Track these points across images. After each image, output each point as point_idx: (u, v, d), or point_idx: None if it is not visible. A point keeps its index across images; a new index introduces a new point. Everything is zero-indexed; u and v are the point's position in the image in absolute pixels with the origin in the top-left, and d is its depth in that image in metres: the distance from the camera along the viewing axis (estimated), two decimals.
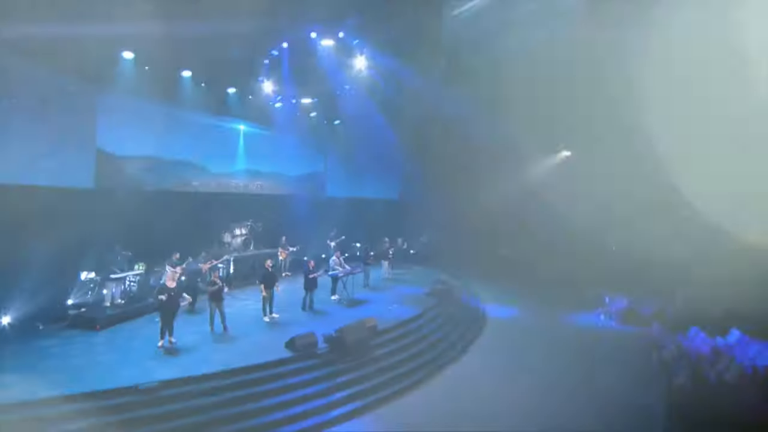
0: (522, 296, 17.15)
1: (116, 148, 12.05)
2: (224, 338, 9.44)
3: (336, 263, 13.32)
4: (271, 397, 7.58)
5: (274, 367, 8.20)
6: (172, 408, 6.83)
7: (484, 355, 10.88)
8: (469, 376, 9.57)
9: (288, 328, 9.96)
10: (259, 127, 17.00)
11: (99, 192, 11.47)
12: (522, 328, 13.24)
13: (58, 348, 8.48)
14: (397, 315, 11.55)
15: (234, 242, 15.36)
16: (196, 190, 14.67)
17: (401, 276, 16.99)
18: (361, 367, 9.02)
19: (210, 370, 7.65)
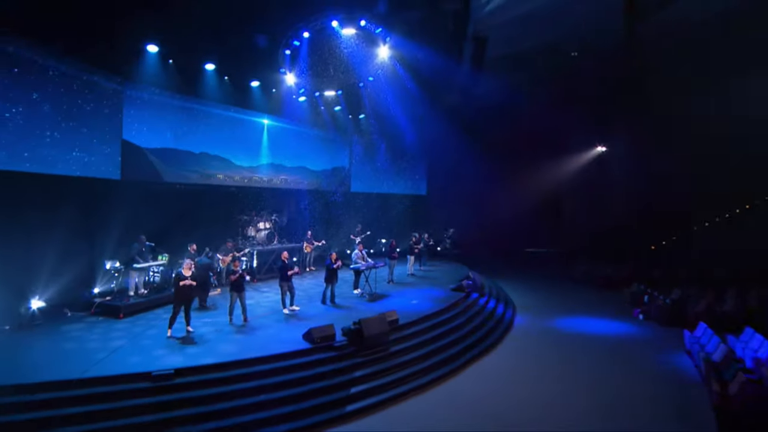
0: (552, 295, 16.48)
1: (141, 140, 12.30)
2: (242, 329, 9.38)
3: (358, 257, 13.12)
4: (284, 389, 7.41)
5: (289, 359, 8.04)
6: (181, 396, 6.78)
7: (510, 354, 10.35)
8: (492, 376, 9.08)
9: (307, 321, 9.85)
10: (283, 121, 17.03)
11: (125, 183, 11.74)
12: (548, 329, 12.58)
13: (78, 332, 8.71)
14: (419, 310, 11.20)
15: (258, 236, 15.42)
16: (220, 183, 14.81)
17: (427, 272, 16.69)
18: (380, 361, 8.75)
19: (221, 360, 7.58)
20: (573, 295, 16.57)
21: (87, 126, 10.60)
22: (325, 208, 19.24)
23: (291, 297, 10.87)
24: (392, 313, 10.15)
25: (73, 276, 10.05)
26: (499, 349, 10.72)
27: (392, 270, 14.74)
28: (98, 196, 10.61)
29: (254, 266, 14.68)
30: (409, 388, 8.25)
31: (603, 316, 13.50)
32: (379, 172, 21.82)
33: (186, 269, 8.73)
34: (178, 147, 13.34)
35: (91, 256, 10.44)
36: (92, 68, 10.69)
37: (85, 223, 10.22)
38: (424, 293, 13.11)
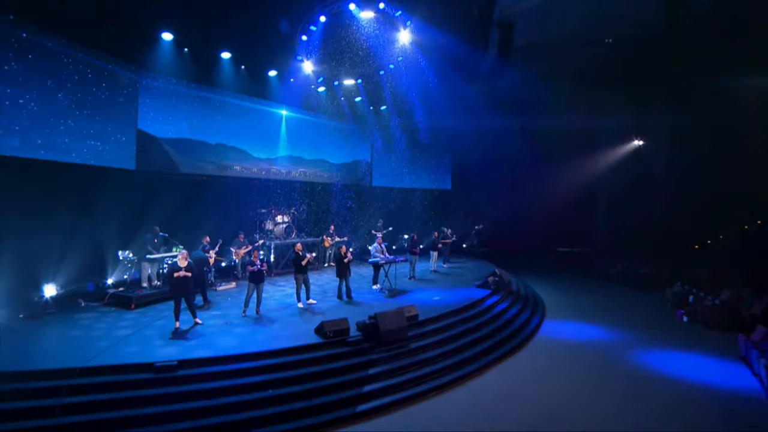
0: (585, 295, 15.62)
1: (157, 130, 12.28)
2: (253, 322, 9.16)
3: (377, 250, 12.71)
4: (292, 385, 7.06)
5: (298, 353, 7.70)
6: (184, 389, 6.52)
7: (536, 356, 9.67)
8: (518, 376, 8.46)
9: (321, 315, 9.56)
10: (301, 112, 16.83)
11: (139, 173, 11.74)
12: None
13: (88, 321, 8.68)
14: (442, 306, 10.69)
15: (276, 229, 15.24)
16: (237, 175, 14.71)
17: (451, 269, 16.23)
18: (396, 358, 8.30)
19: (227, 353, 7.31)
20: (608, 294, 15.75)
21: (101, 114, 10.61)
22: (346, 202, 18.96)
23: (306, 291, 10.62)
24: (411, 308, 9.71)
25: (88, 266, 10.06)
26: (526, 349, 10.11)
27: (413, 266, 14.30)
28: (112, 186, 10.59)
29: (272, 260, 14.52)
30: (428, 387, 7.77)
31: (643, 318, 12.58)
32: (402, 165, 21.32)
33: (181, 260, 8.52)
34: (194, 137, 13.29)
35: (106, 246, 10.43)
36: (106, 56, 10.71)
37: (99, 213, 10.23)
38: (447, 289, 12.63)
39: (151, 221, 10.92)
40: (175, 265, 8.49)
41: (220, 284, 12.33)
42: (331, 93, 17.07)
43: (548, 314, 12.91)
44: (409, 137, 20.85)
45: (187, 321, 8.70)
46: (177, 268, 8.45)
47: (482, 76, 19.63)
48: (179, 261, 8.56)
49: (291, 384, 7.08)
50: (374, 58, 14.84)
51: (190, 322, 8.73)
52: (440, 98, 18.90)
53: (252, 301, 9.71)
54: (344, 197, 18.94)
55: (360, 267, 16.07)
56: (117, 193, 10.58)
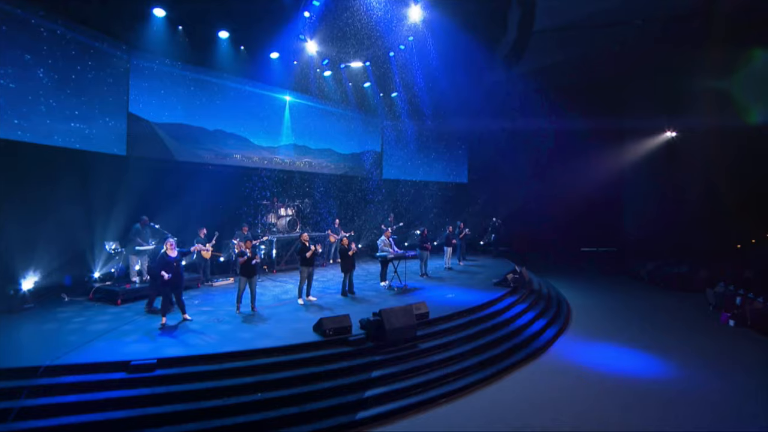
0: (614, 297, 14.73)
1: (150, 114, 11.84)
2: (247, 319, 8.64)
3: (385, 243, 12.10)
4: (285, 387, 6.48)
5: (293, 353, 7.12)
6: (163, 391, 5.97)
7: (560, 359, 8.91)
8: (540, 384, 7.71)
9: (323, 312, 9.03)
10: (306, 98, 16.31)
11: (131, 159, 11.32)
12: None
13: (66, 315, 8.28)
14: (455, 304, 10.04)
15: (279, 223, 14.79)
16: (238, 164, 14.26)
17: (467, 267, 15.65)
18: (403, 360, 7.68)
19: (214, 351, 6.76)
20: (640, 295, 14.91)
21: (87, 95, 10.17)
22: (354, 195, 18.46)
23: (308, 286, 10.13)
24: (421, 304, 9.09)
25: (72, 258, 9.66)
26: (552, 350, 9.39)
27: (425, 262, 13.70)
28: (100, 172, 10.18)
29: (273, 255, 14.05)
30: (438, 393, 7.10)
31: (683, 322, 11.68)
32: (414, 157, 20.72)
33: (169, 249, 8.03)
34: (191, 123, 12.83)
35: (92, 237, 10.04)
36: (92, 32, 10.24)
37: (85, 201, 9.84)
38: (462, 287, 12.03)
39: (141, 211, 10.49)
40: (165, 256, 8.00)
41: (216, 279, 11.94)
42: (338, 77, 16.50)
43: (574, 316, 12.10)
44: (422, 127, 20.26)
45: (174, 317, 8.21)
46: (167, 258, 7.97)
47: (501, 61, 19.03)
48: (167, 251, 8.07)
49: (283, 387, 6.50)
50: (382, 37, 14.20)
51: (178, 318, 8.23)
52: (455, 85, 18.41)
53: (246, 297, 9.21)
54: (353, 190, 18.40)
55: (368, 263, 15.82)
56: (105, 180, 10.19)
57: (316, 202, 16.69)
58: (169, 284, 7.96)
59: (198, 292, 10.82)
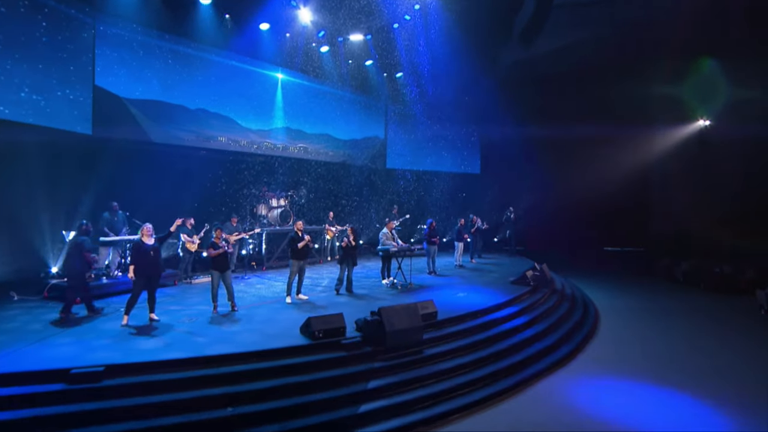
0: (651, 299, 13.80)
1: (120, 88, 11.09)
2: (225, 320, 7.86)
3: (387, 236, 11.29)
4: (264, 401, 5.66)
5: (274, 358, 6.30)
6: (111, 405, 5.16)
7: (592, 367, 8.00)
8: (564, 398, 6.81)
9: (315, 311, 8.23)
10: (301, 77, 15.59)
11: (98, 139, 10.56)
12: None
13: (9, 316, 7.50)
14: (467, 304, 9.23)
15: (270, 215, 14.12)
16: (223, 148, 13.57)
17: (480, 265, 14.90)
18: (407, 368, 6.82)
19: (179, 356, 5.95)
20: (679, 297, 14.02)
21: (43, 62, 9.34)
22: (355, 185, 17.77)
23: (299, 283, 9.40)
24: (429, 303, 8.26)
25: (26, 251, 8.89)
26: (580, 358, 8.46)
27: (433, 258, 12.99)
28: (61, 153, 9.45)
29: (263, 250, 13.37)
30: (449, 409, 6.24)
31: (734, 329, 10.70)
32: (421, 144, 20.01)
33: (145, 235, 7.25)
34: (169, 100, 12.11)
35: (50, 226, 9.27)
36: None
37: (43, 185, 9.08)
38: (474, 286, 11.25)
39: (110, 197, 9.74)
40: (140, 244, 7.22)
41: (197, 276, 11.23)
42: (336, 54, 15.72)
43: (603, 321, 11.18)
44: (429, 111, 19.49)
45: (139, 316, 7.41)
46: (145, 247, 7.19)
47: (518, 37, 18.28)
48: (143, 237, 7.30)
49: (261, 400, 5.68)
50: (385, 5, 13.36)
51: (144, 319, 7.45)
52: (467, 65, 17.75)
53: (223, 295, 8.43)
54: (353, 180, 17.73)
55: (369, 260, 15.13)
56: (66, 161, 9.46)
57: (313, 192, 15.96)
58: (144, 276, 7.18)
59: (175, 290, 10.15)
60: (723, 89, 18.25)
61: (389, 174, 19.06)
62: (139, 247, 7.25)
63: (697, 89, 18.82)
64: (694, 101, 19.34)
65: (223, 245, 8.29)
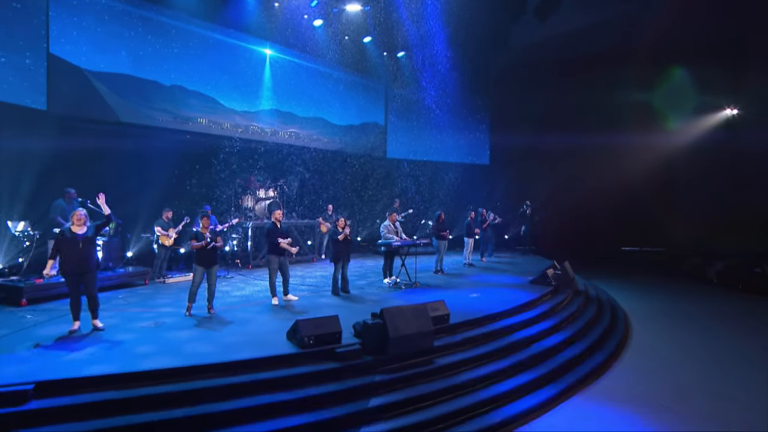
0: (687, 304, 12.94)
1: (81, 59, 10.23)
2: (199, 324, 6.99)
3: (389, 230, 10.48)
4: (238, 423, 4.75)
5: (252, 371, 5.39)
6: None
7: (632, 381, 7.12)
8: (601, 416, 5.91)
9: (306, 314, 7.28)
10: (291, 54, 14.85)
11: (53, 116, 9.69)
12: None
13: None
14: (482, 307, 8.39)
15: (257, 207, 13.43)
16: (203, 131, 12.83)
17: (492, 264, 14.29)
18: (415, 381, 5.92)
19: (131, 370, 5.04)
20: (716, 299, 13.25)
21: None
22: (352, 176, 17.09)
23: (284, 281, 8.59)
24: (439, 304, 7.43)
25: None
26: (616, 368, 7.59)
27: (441, 255, 12.28)
28: (7, 130, 8.54)
29: (249, 247, 12.65)
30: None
31: None
32: (425, 132, 19.34)
33: (76, 224, 6.34)
34: (140, 75, 11.30)
35: None
36: None
37: None
38: (488, 286, 10.52)
39: (66, 183, 8.91)
40: (65, 234, 6.30)
41: (171, 275, 10.43)
42: (331, 28, 14.87)
43: (636, 326, 10.30)
44: (435, 96, 18.81)
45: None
46: (74, 237, 6.27)
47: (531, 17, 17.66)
48: (73, 226, 6.37)
49: (236, 422, 4.77)
50: None
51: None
52: (477, 45, 17.45)
53: (202, 295, 7.61)
54: (350, 170, 17.04)
55: (368, 258, 14.63)
56: (14, 140, 8.53)
57: (305, 183, 15.33)
58: (71, 272, 6.25)
59: (147, 290, 9.38)
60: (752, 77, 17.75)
61: (390, 164, 18.33)
62: (65, 238, 6.26)
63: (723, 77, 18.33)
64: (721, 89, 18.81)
65: (207, 237, 7.44)
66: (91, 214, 8.84)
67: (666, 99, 19.15)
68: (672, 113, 19.50)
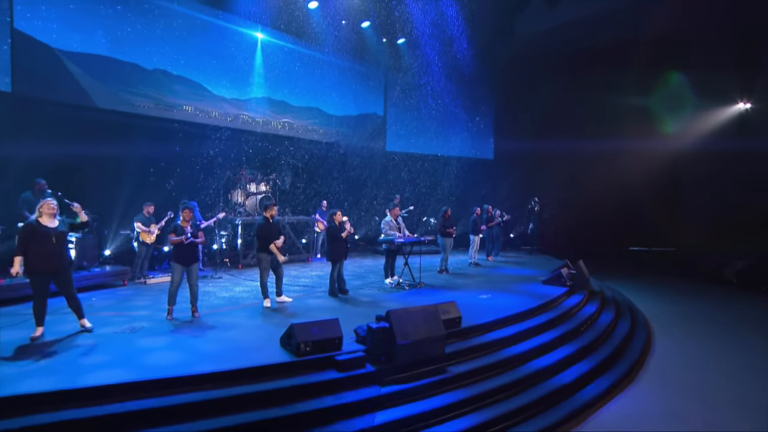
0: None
1: (52, 37, 9.57)
2: (180, 329, 6.40)
3: (391, 226, 9.94)
4: None
5: (239, 383, 4.79)
6: None
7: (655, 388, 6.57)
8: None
9: (301, 318, 6.77)
10: (285, 39, 14.26)
11: (19, 99, 9.11)
12: None
13: None
14: (494, 308, 7.90)
15: (248, 202, 12.93)
16: (189, 120, 12.22)
17: (499, 264, 13.82)
18: (426, 394, 5.34)
19: (101, 383, 4.44)
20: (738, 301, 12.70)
21: None
22: (349, 170, 16.56)
23: (277, 282, 8.06)
24: (450, 306, 6.89)
25: None
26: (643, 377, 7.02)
27: (446, 254, 11.81)
28: None
29: (238, 245, 12.13)
30: None
31: None
32: (427, 125, 18.83)
33: (46, 215, 5.75)
34: (119, 56, 10.66)
35: None
36: None
37: None
38: (498, 286, 10.05)
39: (34, 173, 8.30)
40: (34, 227, 5.66)
41: (153, 275, 9.89)
42: (327, 11, 14.31)
43: (657, 331, 9.77)
44: (437, 86, 18.37)
45: (55, 322, 5.88)
46: (44, 229, 5.67)
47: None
48: (42, 217, 5.76)
49: None
50: None
51: (66, 328, 5.93)
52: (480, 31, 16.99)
53: (184, 296, 7.09)
54: (347, 163, 16.56)
55: (366, 257, 14.24)
56: None
57: (300, 177, 14.80)
58: (42, 271, 5.64)
59: (126, 291, 8.80)
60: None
61: (390, 158, 17.84)
62: (34, 231, 5.63)
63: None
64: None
65: (189, 231, 6.87)
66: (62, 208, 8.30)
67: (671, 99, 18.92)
68: (680, 111, 19.21)
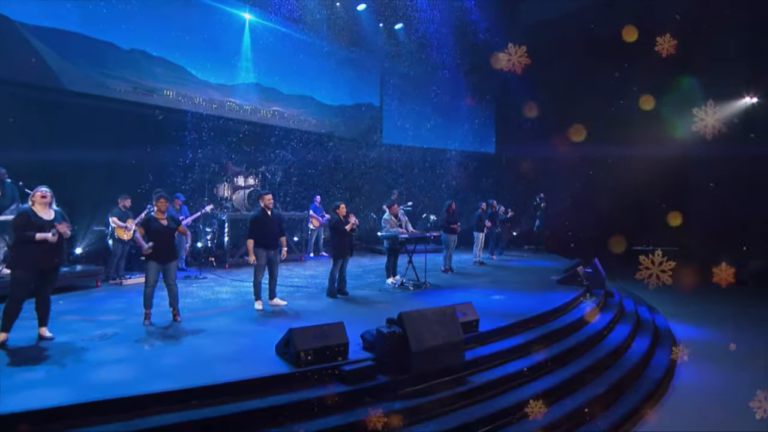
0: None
1: (14, 10, 8.99)
2: (161, 335, 5.81)
3: (392, 223, 9.49)
4: None
5: (229, 400, 4.16)
6: None
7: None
8: None
9: (298, 322, 6.27)
10: (275, 20, 13.72)
11: None
12: None
13: None
14: (510, 310, 7.43)
15: (235, 197, 12.36)
16: (170, 105, 11.67)
17: (504, 262, 13.57)
18: (446, 409, 4.75)
19: (63, 402, 3.80)
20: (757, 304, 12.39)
21: None
22: (343, 163, 16.14)
23: (271, 282, 7.50)
24: (467, 307, 6.39)
25: None
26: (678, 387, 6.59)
27: (450, 251, 11.40)
28: None
29: (225, 243, 11.61)
30: None
31: None
32: (425, 116, 18.46)
33: (39, 204, 5.16)
34: (91, 34, 10.06)
35: None
36: None
37: None
38: (509, 287, 9.69)
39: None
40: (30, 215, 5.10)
41: (130, 275, 9.29)
42: None
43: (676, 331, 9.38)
44: (436, 76, 18.11)
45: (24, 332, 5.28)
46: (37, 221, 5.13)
47: None
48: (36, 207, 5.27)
49: None
50: None
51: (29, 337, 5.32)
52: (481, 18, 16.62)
53: (161, 298, 6.52)
54: (341, 157, 16.13)
55: (364, 256, 13.86)
56: None
57: (291, 170, 14.26)
58: (31, 268, 5.11)
59: (99, 293, 8.21)
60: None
61: (386, 150, 17.44)
62: (30, 221, 5.03)
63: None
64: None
65: (164, 223, 6.27)
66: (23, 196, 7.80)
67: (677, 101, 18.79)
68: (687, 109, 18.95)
